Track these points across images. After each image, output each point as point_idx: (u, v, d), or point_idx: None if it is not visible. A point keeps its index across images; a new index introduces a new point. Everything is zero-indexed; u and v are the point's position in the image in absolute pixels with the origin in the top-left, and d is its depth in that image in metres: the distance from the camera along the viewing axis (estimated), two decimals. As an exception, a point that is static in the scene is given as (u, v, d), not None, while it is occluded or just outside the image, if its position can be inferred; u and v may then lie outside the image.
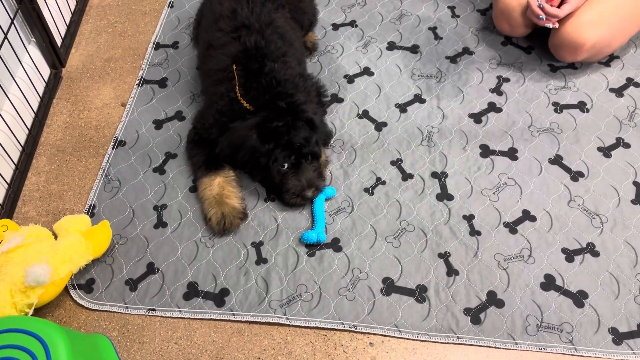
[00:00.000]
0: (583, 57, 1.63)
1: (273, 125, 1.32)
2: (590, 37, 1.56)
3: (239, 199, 1.38)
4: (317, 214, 1.36)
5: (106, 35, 1.89)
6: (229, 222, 1.34)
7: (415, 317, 1.23)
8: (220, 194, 1.37)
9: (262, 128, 1.33)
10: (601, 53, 1.64)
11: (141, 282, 1.29)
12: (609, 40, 1.60)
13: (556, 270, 1.29)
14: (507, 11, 1.70)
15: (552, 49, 1.68)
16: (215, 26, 1.49)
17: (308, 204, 1.41)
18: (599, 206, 1.40)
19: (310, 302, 1.25)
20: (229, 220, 1.34)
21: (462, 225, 1.37)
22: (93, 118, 1.64)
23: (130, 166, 1.51)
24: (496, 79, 1.70)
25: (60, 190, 1.47)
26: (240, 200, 1.39)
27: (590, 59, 1.66)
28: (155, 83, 1.72)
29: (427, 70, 1.73)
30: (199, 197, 1.41)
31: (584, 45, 1.57)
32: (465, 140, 1.54)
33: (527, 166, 1.48)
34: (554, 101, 1.63)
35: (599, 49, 1.61)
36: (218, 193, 1.37)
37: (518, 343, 1.19)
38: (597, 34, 1.56)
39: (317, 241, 1.33)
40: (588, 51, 1.60)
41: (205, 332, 1.22)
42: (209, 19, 1.55)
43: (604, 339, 1.19)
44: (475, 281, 1.28)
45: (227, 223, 1.34)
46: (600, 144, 1.53)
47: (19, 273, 1.16)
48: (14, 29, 1.52)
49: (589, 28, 1.56)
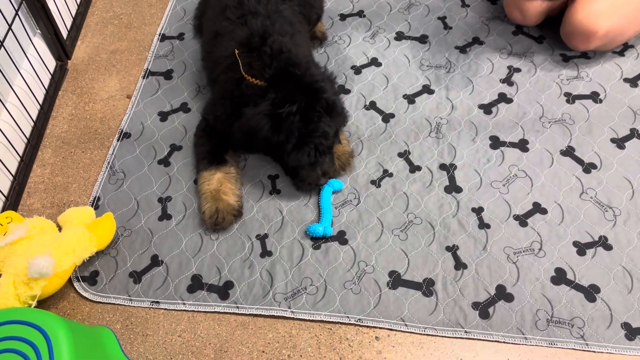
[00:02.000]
0: (596, 45, 1.59)
1: (286, 111, 1.26)
2: (602, 25, 1.53)
3: (235, 197, 1.36)
4: (324, 207, 1.34)
5: (112, 27, 1.88)
6: (221, 217, 1.32)
7: (422, 311, 1.20)
8: (218, 189, 1.35)
9: (275, 116, 1.27)
10: (614, 42, 1.60)
11: (145, 274, 1.28)
12: (622, 28, 1.56)
13: (567, 264, 1.26)
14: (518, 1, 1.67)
15: (564, 38, 1.64)
16: (222, 16, 1.48)
17: (314, 194, 1.39)
18: (612, 198, 1.36)
19: (315, 296, 1.23)
20: (222, 215, 1.32)
21: (470, 217, 1.34)
22: (98, 110, 1.63)
23: (135, 158, 1.50)
24: (507, 69, 1.66)
25: (65, 182, 1.47)
26: (237, 197, 1.36)
27: (603, 47, 1.62)
28: (161, 75, 1.71)
29: (436, 60, 1.70)
30: (197, 190, 1.40)
31: (597, 33, 1.54)
32: (474, 132, 1.51)
33: (538, 158, 1.45)
34: (566, 91, 1.60)
35: (612, 38, 1.57)
36: (216, 188, 1.35)
37: (527, 338, 1.16)
38: (609, 22, 1.53)
39: (324, 235, 1.31)
40: (601, 39, 1.56)
41: (209, 325, 1.21)
42: (216, 9, 1.54)
43: (616, 334, 1.16)
44: (484, 275, 1.25)
45: (220, 218, 1.32)
46: (613, 135, 1.49)
47: (22, 265, 1.16)
48: (18, 20, 1.51)
49: (601, 16, 1.52)
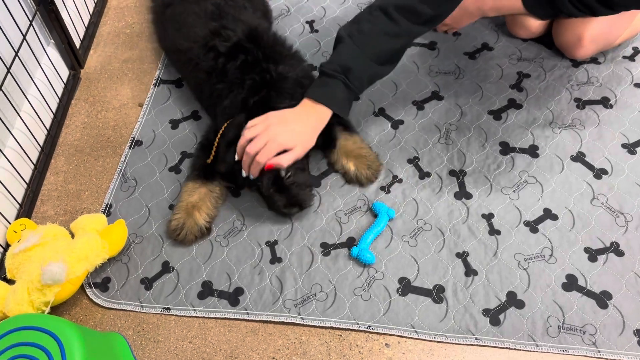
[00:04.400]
0: (593, 49, 1.60)
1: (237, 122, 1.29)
2: (583, 31, 1.55)
3: (208, 217, 1.34)
4: (370, 230, 1.31)
5: (124, 36, 1.90)
6: (183, 235, 1.31)
7: (433, 317, 1.20)
8: (195, 204, 1.34)
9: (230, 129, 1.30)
10: (609, 40, 1.61)
11: (156, 280, 1.29)
12: (608, 26, 1.56)
13: (578, 270, 1.25)
14: (520, 20, 1.68)
15: (562, 50, 1.67)
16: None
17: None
18: (623, 204, 1.35)
19: (325, 302, 1.23)
20: (184, 233, 1.31)
21: (481, 224, 1.34)
22: (111, 118, 1.65)
23: (147, 166, 1.52)
24: (516, 75, 1.66)
25: (78, 189, 1.49)
26: (209, 218, 1.35)
27: (604, 48, 1.64)
28: (172, 83, 1.73)
29: (445, 66, 1.70)
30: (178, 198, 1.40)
31: (582, 39, 1.56)
32: (484, 138, 1.51)
33: (548, 163, 1.45)
34: (576, 97, 1.59)
35: (604, 37, 1.59)
36: (193, 203, 1.34)
37: (539, 345, 1.15)
38: (589, 26, 1.55)
39: (357, 257, 1.28)
40: (592, 43, 1.58)
41: (219, 331, 1.21)
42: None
43: (628, 341, 1.14)
44: (494, 281, 1.25)
45: (182, 236, 1.31)
46: (624, 140, 1.48)
47: (36, 271, 1.17)
48: (32, 30, 1.54)
49: (579, 23, 1.55)
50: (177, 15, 1.61)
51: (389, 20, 1.28)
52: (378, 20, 1.28)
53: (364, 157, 1.43)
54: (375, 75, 1.36)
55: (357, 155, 1.43)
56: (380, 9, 1.29)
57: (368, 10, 1.32)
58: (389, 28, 1.28)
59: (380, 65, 1.32)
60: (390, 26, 1.28)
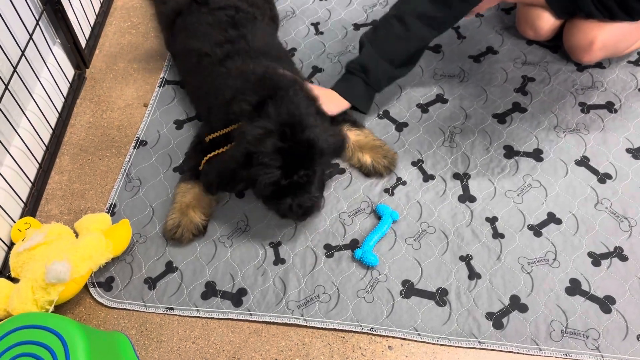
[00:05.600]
0: (600, 56, 1.60)
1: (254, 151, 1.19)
2: (596, 35, 1.54)
3: (203, 215, 1.35)
4: (374, 232, 1.31)
5: (129, 36, 1.91)
6: (180, 234, 1.32)
7: (436, 320, 1.20)
8: (189, 204, 1.34)
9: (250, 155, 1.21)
10: (618, 49, 1.60)
11: (160, 280, 1.29)
12: (623, 34, 1.56)
13: (582, 275, 1.25)
14: (531, 19, 1.67)
15: (568, 52, 1.66)
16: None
17: (328, 203, 1.39)
18: (627, 209, 1.35)
19: (328, 304, 1.23)
20: (180, 231, 1.32)
21: (484, 227, 1.34)
22: (116, 118, 1.66)
23: (151, 166, 1.52)
24: (521, 79, 1.66)
25: (82, 189, 1.49)
26: (204, 217, 1.35)
27: (612, 55, 1.63)
28: (177, 83, 1.73)
29: (450, 70, 1.71)
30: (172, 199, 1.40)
31: (594, 43, 1.55)
32: (488, 141, 1.51)
33: (552, 167, 1.45)
34: (581, 101, 1.59)
35: (614, 45, 1.58)
36: (187, 203, 1.34)
37: (542, 349, 1.15)
38: (603, 32, 1.54)
39: (360, 259, 1.28)
40: (602, 49, 1.57)
41: (222, 332, 1.22)
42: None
43: (632, 346, 1.14)
44: (498, 285, 1.24)
45: (179, 234, 1.32)
46: (629, 145, 1.48)
47: (40, 270, 1.18)
48: (39, 30, 1.54)
49: (594, 27, 1.54)
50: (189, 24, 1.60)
51: (402, 26, 1.42)
52: (393, 27, 1.43)
53: (378, 147, 1.45)
54: (393, 75, 1.50)
55: (372, 147, 1.45)
56: (396, 17, 1.43)
57: (385, 18, 1.47)
58: (403, 33, 1.42)
59: (396, 68, 1.47)
60: (404, 32, 1.42)
